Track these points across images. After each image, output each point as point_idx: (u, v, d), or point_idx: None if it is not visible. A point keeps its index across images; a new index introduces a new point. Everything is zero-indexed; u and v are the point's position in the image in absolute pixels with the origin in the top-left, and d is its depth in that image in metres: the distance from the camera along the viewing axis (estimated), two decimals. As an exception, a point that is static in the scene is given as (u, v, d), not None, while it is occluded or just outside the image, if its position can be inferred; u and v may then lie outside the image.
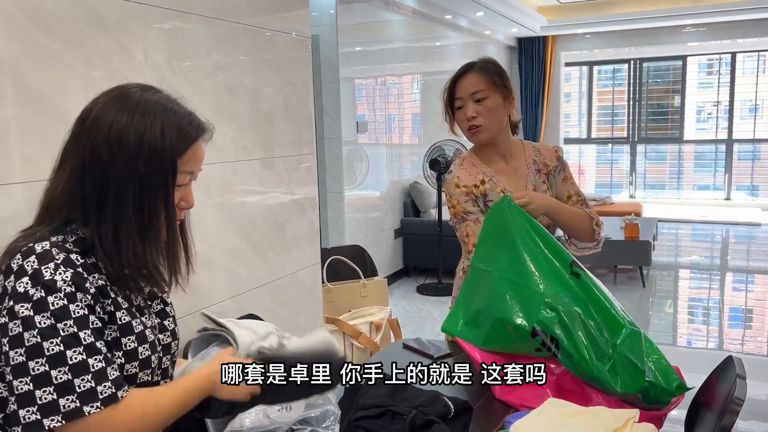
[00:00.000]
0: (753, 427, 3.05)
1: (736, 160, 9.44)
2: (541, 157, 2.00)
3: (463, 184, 1.95)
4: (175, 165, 1.08)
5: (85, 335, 0.99)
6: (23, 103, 1.52)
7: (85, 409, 0.97)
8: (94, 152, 1.05)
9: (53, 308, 0.98)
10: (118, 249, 1.05)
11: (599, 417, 1.28)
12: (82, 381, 0.97)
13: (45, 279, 0.98)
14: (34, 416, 0.95)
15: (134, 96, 1.08)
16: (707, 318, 5.02)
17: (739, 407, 1.33)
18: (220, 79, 2.13)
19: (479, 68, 1.90)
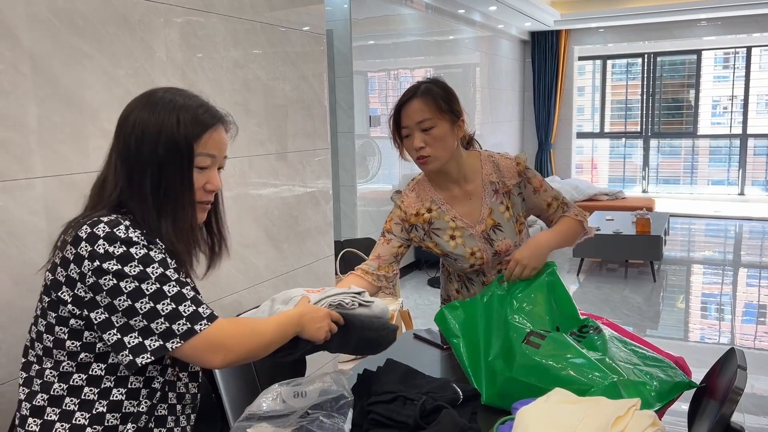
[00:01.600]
0: (763, 423, 3.08)
1: (751, 155, 9.39)
2: (499, 174, 1.88)
3: (404, 210, 1.92)
4: (191, 148, 1.21)
5: (170, 272, 1.16)
6: (53, 100, 1.59)
7: (196, 327, 1.15)
8: (125, 145, 1.20)
9: (138, 257, 1.13)
10: (144, 223, 1.19)
11: (602, 405, 1.32)
12: (185, 307, 1.15)
13: (121, 237, 1.13)
14: (157, 343, 1.13)
15: (158, 95, 1.23)
16: (719, 313, 5.03)
17: (739, 396, 1.37)
18: (237, 75, 2.19)
19: (423, 93, 1.77)
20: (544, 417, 1.30)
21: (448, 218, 1.89)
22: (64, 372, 1.19)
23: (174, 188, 1.21)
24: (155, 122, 1.19)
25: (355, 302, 1.54)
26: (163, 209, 1.20)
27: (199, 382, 1.36)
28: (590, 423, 1.25)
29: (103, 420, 1.19)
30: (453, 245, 1.89)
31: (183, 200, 1.22)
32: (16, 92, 1.49)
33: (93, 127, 1.68)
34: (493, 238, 1.88)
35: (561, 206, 1.95)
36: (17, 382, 1.51)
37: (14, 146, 1.50)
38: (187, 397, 1.33)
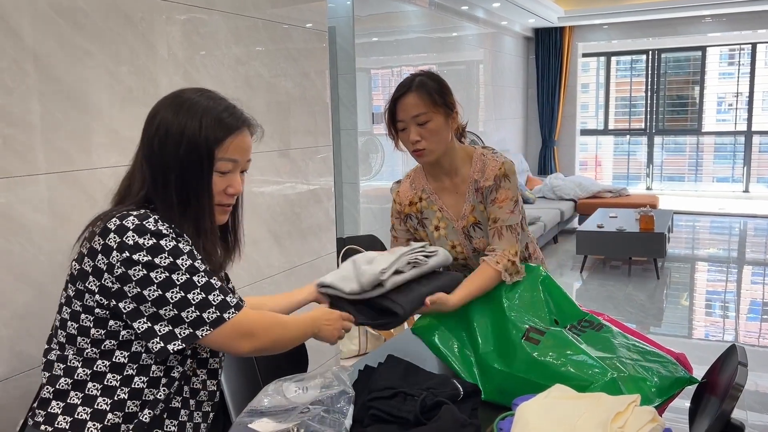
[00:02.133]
0: (767, 420, 3.08)
1: (756, 152, 9.35)
2: (483, 174, 1.86)
3: (399, 201, 1.99)
4: (211, 152, 1.23)
5: (198, 264, 1.20)
6: (56, 97, 1.60)
7: (225, 315, 1.19)
8: (149, 145, 1.23)
9: (168, 248, 1.16)
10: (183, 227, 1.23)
11: (602, 400, 1.33)
12: (214, 297, 1.19)
13: (151, 229, 1.16)
14: (187, 331, 1.17)
15: (185, 96, 1.25)
16: (723, 311, 5.02)
17: (739, 393, 1.38)
18: (239, 72, 2.19)
19: (417, 87, 1.79)
20: (544, 413, 1.30)
21: (435, 208, 1.93)
22: (88, 358, 1.21)
23: (195, 191, 1.23)
24: (178, 124, 1.21)
25: (427, 258, 1.71)
26: (186, 210, 1.23)
27: (218, 380, 1.37)
28: (590, 418, 1.25)
29: (124, 406, 1.21)
30: (437, 236, 1.92)
31: (203, 203, 1.24)
32: (19, 89, 1.50)
33: (96, 125, 1.69)
34: (473, 235, 1.89)
35: (497, 232, 1.83)
36: (22, 377, 1.53)
37: (17, 143, 1.51)
38: (203, 394, 1.33)
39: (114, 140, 1.74)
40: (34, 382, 1.54)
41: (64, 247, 1.61)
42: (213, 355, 1.34)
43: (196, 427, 1.33)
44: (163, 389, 1.25)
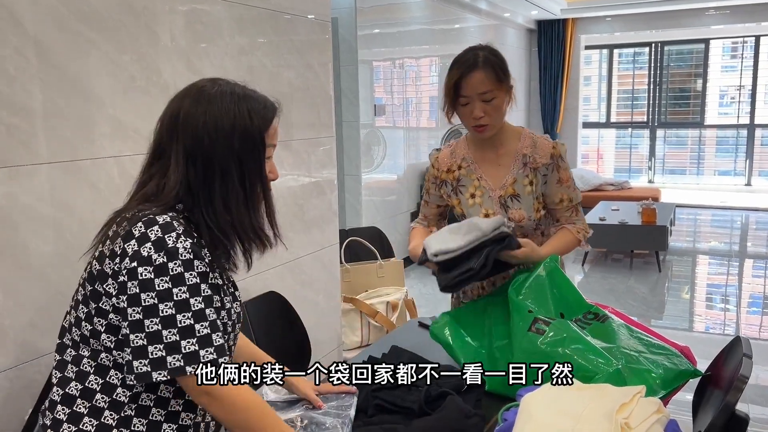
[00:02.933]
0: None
1: (759, 145, 9.34)
2: (535, 150, 1.92)
3: (437, 167, 2.05)
4: (263, 140, 1.23)
5: (195, 302, 1.12)
6: (58, 86, 1.59)
7: (187, 368, 1.10)
8: (196, 140, 1.18)
9: (172, 273, 1.11)
10: (230, 221, 1.20)
11: (607, 392, 1.32)
12: (188, 343, 1.11)
13: (168, 246, 1.11)
14: (145, 368, 1.10)
15: (212, 90, 1.21)
16: (724, 304, 5.02)
17: (744, 384, 1.37)
18: (242, 62, 2.18)
19: (484, 64, 1.83)
20: (548, 403, 1.29)
21: (474, 177, 1.98)
22: (102, 365, 1.18)
23: (256, 180, 1.23)
24: (227, 116, 1.18)
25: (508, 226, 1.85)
26: (249, 200, 1.22)
27: None
28: (595, 409, 1.25)
29: (130, 424, 1.17)
30: (471, 203, 1.97)
31: (264, 190, 1.25)
32: (21, 78, 1.49)
33: (99, 114, 1.68)
34: (509, 206, 1.94)
35: (571, 209, 1.97)
36: (26, 367, 1.53)
37: (20, 132, 1.50)
38: None
39: (117, 129, 1.73)
40: (37, 372, 1.54)
41: (67, 237, 1.61)
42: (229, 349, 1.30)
43: (199, 427, 1.29)
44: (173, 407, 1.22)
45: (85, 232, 1.63)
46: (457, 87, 1.84)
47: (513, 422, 1.29)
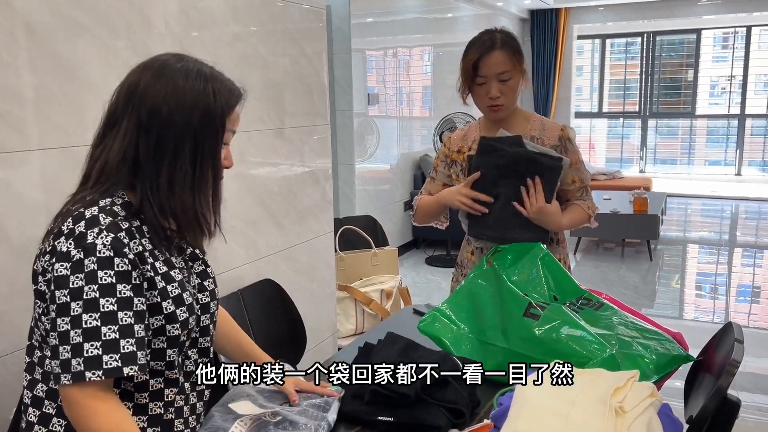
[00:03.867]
0: (758, 400, 3.12)
1: (749, 135, 9.39)
2: (543, 133, 1.98)
3: (449, 146, 2.10)
4: (224, 123, 1.17)
5: (106, 302, 1.05)
6: (51, 71, 1.58)
7: (87, 374, 1.02)
8: (153, 112, 1.11)
9: (86, 271, 1.05)
10: (170, 201, 1.13)
11: (601, 376, 1.34)
12: (91, 347, 1.03)
13: (87, 242, 1.06)
14: (57, 369, 1.05)
15: (176, 65, 1.15)
16: (714, 292, 5.07)
17: (736, 369, 1.39)
18: (237, 50, 2.17)
19: (502, 45, 1.88)
20: (544, 388, 1.31)
21: None
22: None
23: (208, 162, 1.16)
24: (191, 92, 1.12)
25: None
26: (196, 182, 1.15)
27: (210, 357, 1.31)
28: (590, 394, 1.26)
29: None
30: None
31: (210, 175, 1.17)
32: (14, 63, 1.48)
33: (92, 99, 1.67)
34: None
35: (582, 190, 2.02)
36: (21, 353, 1.52)
37: (12, 118, 1.49)
38: (195, 375, 1.27)
39: (111, 116, 1.72)
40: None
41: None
42: (203, 333, 1.27)
43: (193, 409, 1.28)
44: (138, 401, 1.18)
45: (80, 219, 1.64)
46: (476, 67, 1.88)
47: (508, 406, 1.30)
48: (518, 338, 1.59)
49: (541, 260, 1.78)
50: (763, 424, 2.90)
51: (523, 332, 1.58)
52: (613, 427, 1.18)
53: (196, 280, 1.27)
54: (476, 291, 1.81)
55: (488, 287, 1.78)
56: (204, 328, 1.27)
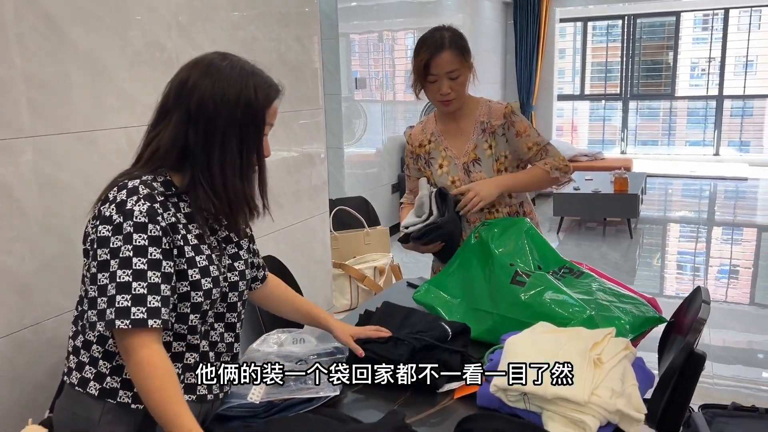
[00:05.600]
0: (733, 370, 3.28)
1: (728, 116, 9.59)
2: (490, 115, 2.11)
3: (411, 143, 2.24)
4: (265, 116, 1.30)
5: (138, 262, 1.17)
6: (70, 60, 1.68)
7: (116, 322, 1.15)
8: (201, 106, 1.25)
9: (124, 233, 1.18)
10: (223, 185, 1.27)
11: (581, 333, 1.48)
12: (122, 298, 1.16)
13: (126, 208, 1.19)
14: (94, 318, 1.18)
15: (221, 63, 1.28)
16: (692, 269, 5.26)
17: (702, 326, 1.52)
18: (237, 36, 2.28)
19: (451, 44, 2.00)
20: (530, 344, 1.45)
21: (441, 148, 2.16)
22: (103, 335, 1.26)
23: (253, 151, 1.29)
24: (235, 89, 1.25)
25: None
26: (245, 170, 1.29)
27: (237, 333, 1.42)
28: (571, 348, 1.40)
29: (122, 372, 1.25)
30: (440, 173, 2.16)
31: (260, 163, 1.32)
32: (38, 53, 1.58)
33: (108, 87, 1.77)
34: (471, 170, 2.12)
35: (541, 152, 2.11)
36: (50, 322, 1.66)
37: (39, 104, 1.59)
38: (221, 345, 1.38)
39: (125, 102, 1.83)
40: (59, 327, 1.67)
41: (83, 203, 1.71)
42: (230, 309, 1.38)
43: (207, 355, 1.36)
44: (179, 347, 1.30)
45: (99, 199, 1.75)
46: (427, 66, 1.99)
47: (498, 362, 1.44)
48: (506, 303, 1.73)
49: (526, 233, 1.92)
50: (737, 392, 3.07)
51: (511, 298, 1.73)
52: (592, 375, 1.33)
53: (227, 260, 1.38)
54: (466, 263, 1.96)
55: (477, 259, 1.92)
56: (231, 305, 1.39)
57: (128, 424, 1.26)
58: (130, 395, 1.25)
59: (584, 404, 1.26)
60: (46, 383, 1.63)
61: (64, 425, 1.29)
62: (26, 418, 1.31)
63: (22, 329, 1.59)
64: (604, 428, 1.27)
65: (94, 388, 1.25)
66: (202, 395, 1.34)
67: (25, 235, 1.60)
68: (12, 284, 1.58)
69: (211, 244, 1.34)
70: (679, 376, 1.50)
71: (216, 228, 1.37)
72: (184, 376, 1.31)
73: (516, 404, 1.34)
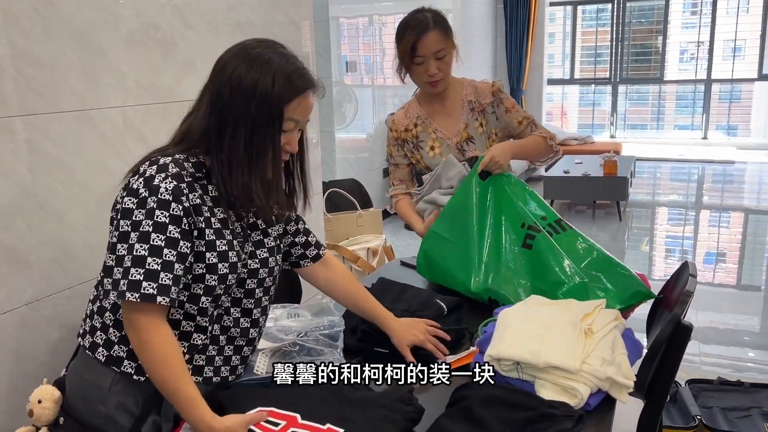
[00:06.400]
0: (719, 351, 3.33)
1: (717, 100, 9.65)
2: (477, 95, 2.14)
3: (395, 128, 2.20)
4: (281, 112, 1.24)
5: (156, 238, 1.18)
6: (68, 39, 1.69)
7: (127, 294, 1.16)
8: (219, 93, 1.24)
9: (147, 208, 1.19)
10: (230, 176, 1.25)
11: (572, 305, 1.53)
12: (135, 271, 1.17)
13: (153, 183, 1.20)
14: (109, 286, 1.20)
15: (255, 49, 1.26)
16: (680, 251, 5.33)
17: (689, 298, 1.57)
18: (232, 18, 2.28)
19: (435, 24, 1.99)
20: (522, 316, 1.49)
21: (430, 130, 2.16)
22: (116, 304, 1.26)
23: (262, 147, 1.24)
24: (251, 78, 1.21)
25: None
26: (252, 164, 1.24)
27: (253, 318, 1.40)
28: (562, 319, 1.44)
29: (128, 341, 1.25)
30: (432, 155, 2.16)
31: (267, 158, 1.25)
32: (34, 30, 1.58)
33: (103, 66, 1.78)
34: (466, 149, 2.14)
35: (530, 125, 2.17)
36: (50, 299, 1.68)
37: (37, 83, 1.60)
38: (234, 330, 1.37)
39: (120, 81, 1.84)
40: (59, 304, 1.69)
41: (80, 181, 1.73)
42: (247, 295, 1.37)
43: (227, 360, 1.38)
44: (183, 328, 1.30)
45: (96, 178, 1.77)
46: (414, 48, 1.99)
47: (492, 333, 1.48)
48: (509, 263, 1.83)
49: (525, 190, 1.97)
50: (723, 370, 3.11)
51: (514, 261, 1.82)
52: (583, 345, 1.37)
53: (250, 247, 1.37)
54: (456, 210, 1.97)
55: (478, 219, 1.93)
56: (249, 291, 1.37)
57: (135, 395, 1.28)
58: (134, 366, 1.27)
59: (575, 372, 1.30)
60: (48, 360, 1.65)
61: (76, 389, 1.32)
62: (28, 393, 1.33)
63: (22, 305, 1.61)
64: (594, 395, 1.31)
65: (102, 354, 1.28)
66: (208, 377, 1.35)
67: (24, 212, 1.61)
68: (11, 261, 1.59)
69: (235, 230, 1.32)
70: (667, 347, 1.54)
71: (243, 214, 1.35)
72: (192, 356, 1.32)
73: (509, 374, 1.38)
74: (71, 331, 1.55)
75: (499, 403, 1.25)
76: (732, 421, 2.42)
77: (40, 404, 1.29)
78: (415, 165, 2.25)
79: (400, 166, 2.26)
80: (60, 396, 1.32)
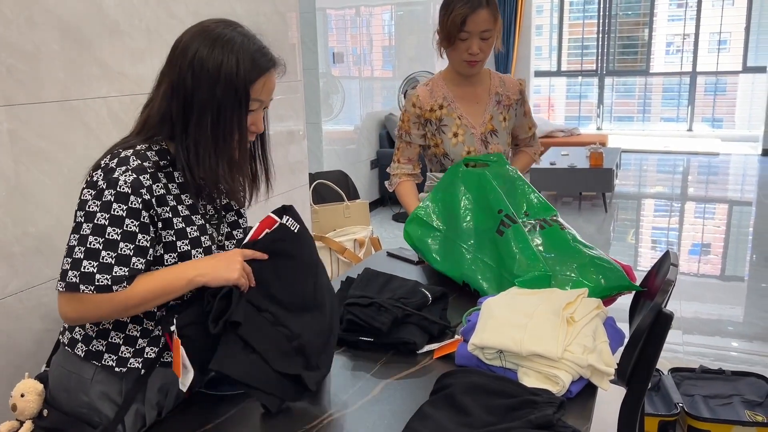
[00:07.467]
0: (702, 341, 3.37)
1: (702, 92, 9.72)
2: (504, 89, 2.12)
3: (420, 105, 2.10)
4: (247, 92, 1.22)
5: (112, 231, 1.16)
6: (50, 28, 1.68)
7: (81, 287, 1.14)
8: (181, 77, 1.21)
9: (103, 200, 1.17)
10: (197, 161, 1.23)
11: (555, 294, 1.54)
12: (89, 264, 1.15)
13: (112, 176, 1.18)
14: (57, 276, 1.18)
15: (216, 30, 1.23)
16: (665, 242, 5.38)
17: (670, 287, 1.59)
18: (216, 8, 2.27)
19: (488, 3, 1.94)
20: (506, 305, 1.50)
21: (455, 115, 2.10)
22: None
23: (229, 129, 1.22)
24: (215, 60, 1.18)
25: None
26: (219, 147, 1.22)
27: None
28: (545, 308, 1.46)
29: (108, 336, 1.26)
30: (454, 142, 2.10)
31: (234, 140, 1.24)
32: (17, 20, 1.57)
33: (87, 56, 1.77)
34: (489, 142, 2.11)
35: (533, 136, 2.24)
36: (34, 290, 1.67)
37: (19, 72, 1.59)
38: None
39: (105, 72, 1.83)
40: (44, 295, 1.68)
41: (64, 171, 1.73)
42: None
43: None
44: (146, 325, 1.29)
45: (80, 167, 1.75)
46: (463, 23, 1.92)
47: (475, 322, 1.49)
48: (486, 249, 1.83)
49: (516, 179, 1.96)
50: (706, 359, 3.17)
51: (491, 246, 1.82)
52: (565, 333, 1.38)
53: (226, 228, 1.37)
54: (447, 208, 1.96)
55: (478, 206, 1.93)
56: None
57: (118, 384, 1.28)
58: (115, 359, 1.26)
59: (557, 360, 1.31)
60: (33, 350, 1.65)
61: (59, 381, 1.32)
62: (14, 384, 1.32)
63: (6, 296, 1.61)
64: (576, 383, 1.33)
65: (81, 350, 1.27)
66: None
67: (7, 203, 1.60)
68: (-5, 252, 1.59)
69: (207, 213, 1.32)
70: (648, 334, 1.56)
71: (214, 196, 1.34)
72: (125, 348, 1.28)
73: (492, 362, 1.39)
74: (56, 322, 1.55)
75: (482, 391, 1.27)
76: (713, 408, 2.46)
77: (23, 398, 1.29)
78: (428, 148, 2.17)
79: (412, 144, 2.17)
80: (43, 389, 1.32)
